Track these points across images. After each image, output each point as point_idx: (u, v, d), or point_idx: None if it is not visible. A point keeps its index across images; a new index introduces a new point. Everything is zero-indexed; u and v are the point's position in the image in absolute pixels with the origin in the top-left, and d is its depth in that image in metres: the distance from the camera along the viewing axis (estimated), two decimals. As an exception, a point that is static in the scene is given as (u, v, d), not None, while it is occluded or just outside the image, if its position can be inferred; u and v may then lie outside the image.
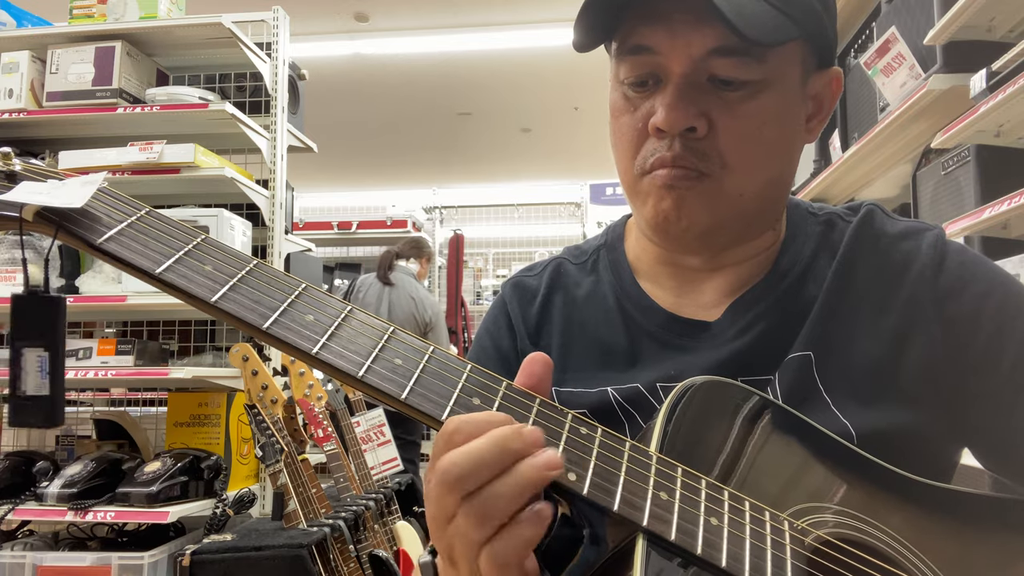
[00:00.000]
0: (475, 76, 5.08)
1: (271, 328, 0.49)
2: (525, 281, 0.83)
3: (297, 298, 0.51)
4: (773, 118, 0.67)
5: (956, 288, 0.69)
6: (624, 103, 0.69)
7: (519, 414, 0.50)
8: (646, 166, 0.68)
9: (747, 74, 0.64)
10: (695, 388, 0.59)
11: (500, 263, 6.86)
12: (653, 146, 0.67)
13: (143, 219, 0.52)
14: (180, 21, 2.59)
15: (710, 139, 0.65)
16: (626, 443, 0.52)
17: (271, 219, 2.64)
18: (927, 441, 0.67)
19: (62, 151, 2.50)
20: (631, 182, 0.71)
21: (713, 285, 0.74)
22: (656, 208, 0.68)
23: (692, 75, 0.64)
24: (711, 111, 0.65)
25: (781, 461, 0.59)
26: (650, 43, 0.65)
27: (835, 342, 0.68)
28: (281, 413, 2.11)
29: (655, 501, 0.49)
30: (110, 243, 0.50)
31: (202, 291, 0.49)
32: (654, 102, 0.66)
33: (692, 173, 0.66)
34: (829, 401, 0.66)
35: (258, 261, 0.53)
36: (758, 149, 0.67)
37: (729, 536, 0.50)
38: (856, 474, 0.60)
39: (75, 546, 2.32)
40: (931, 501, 0.61)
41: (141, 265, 0.49)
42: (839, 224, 0.76)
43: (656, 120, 0.65)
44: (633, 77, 0.67)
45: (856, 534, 0.56)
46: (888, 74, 1.92)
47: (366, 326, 0.51)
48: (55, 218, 0.50)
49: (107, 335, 2.95)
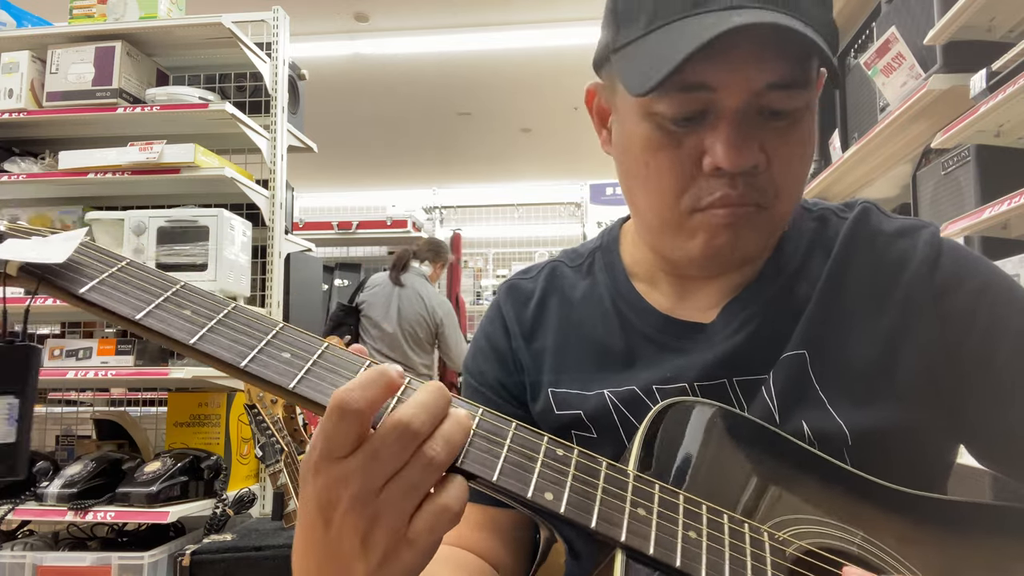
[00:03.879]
0: (475, 76, 5.08)
1: (248, 366, 0.49)
2: (520, 284, 0.83)
3: (274, 337, 0.51)
4: (810, 138, 0.67)
5: (951, 285, 0.69)
6: (663, 137, 0.65)
7: (494, 439, 0.50)
8: (700, 204, 0.65)
9: (796, 103, 0.63)
10: (672, 407, 0.60)
11: (500, 263, 6.86)
12: (710, 184, 0.64)
13: (124, 269, 0.53)
14: (180, 21, 2.59)
15: (767, 172, 0.65)
16: (603, 463, 0.52)
17: (271, 219, 2.64)
18: (922, 439, 0.67)
19: (62, 151, 2.50)
20: (674, 219, 0.67)
21: (709, 288, 0.74)
22: (709, 244, 0.67)
23: (748, 109, 0.63)
24: (766, 144, 0.64)
25: (760, 476, 0.60)
26: (708, 80, 0.61)
27: (830, 340, 0.69)
28: (281, 413, 2.11)
29: (633, 517, 0.49)
30: (92, 293, 0.51)
31: (180, 334, 0.50)
32: (703, 137, 0.64)
33: (751, 209, 0.65)
34: (824, 400, 0.66)
35: (236, 304, 0.53)
36: (802, 172, 0.68)
37: (708, 548, 0.50)
38: (836, 485, 0.61)
39: (75, 546, 2.32)
40: (913, 510, 0.62)
41: (121, 312, 0.50)
42: (833, 221, 0.76)
43: (717, 160, 0.62)
44: (680, 113, 0.63)
45: (838, 543, 0.56)
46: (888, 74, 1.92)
47: (342, 360, 0.51)
48: (38, 272, 0.51)
49: (107, 335, 2.95)
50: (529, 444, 0.51)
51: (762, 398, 0.68)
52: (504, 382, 0.79)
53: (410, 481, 0.45)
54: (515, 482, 0.48)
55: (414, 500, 0.46)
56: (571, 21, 4.36)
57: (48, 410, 2.98)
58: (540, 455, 0.50)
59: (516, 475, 0.49)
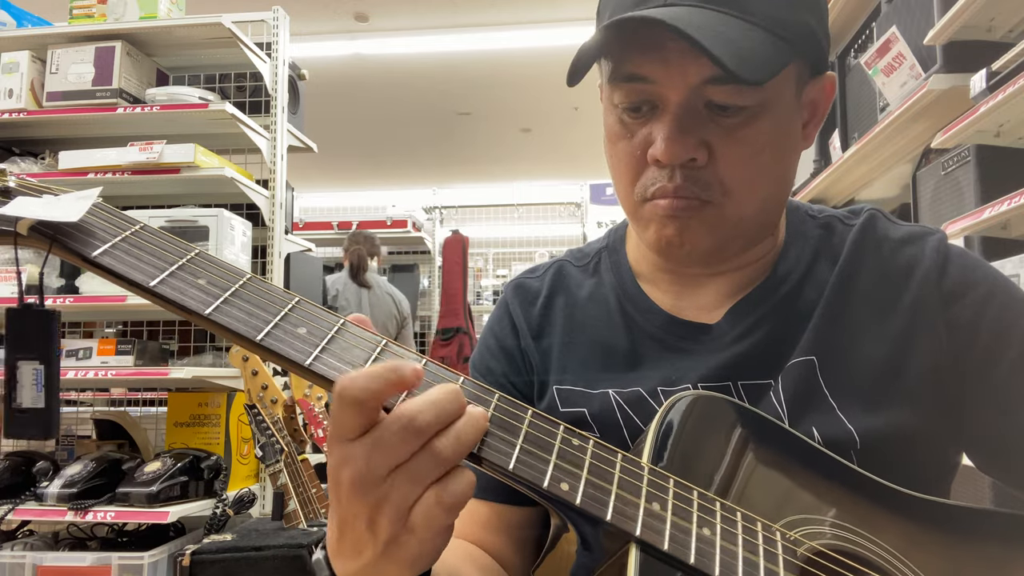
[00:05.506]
0: (475, 76, 5.08)
1: (264, 340, 0.49)
2: (527, 283, 0.83)
3: (290, 311, 0.51)
4: (771, 140, 0.66)
5: (959, 292, 0.69)
6: (620, 128, 0.68)
7: (511, 425, 0.50)
8: (647, 194, 0.67)
9: (745, 100, 0.63)
10: (686, 401, 0.60)
11: (500, 263, 6.86)
12: (653, 175, 0.66)
13: (137, 233, 0.52)
14: (180, 21, 2.59)
15: (710, 167, 0.65)
16: (618, 454, 0.52)
17: (271, 219, 2.64)
18: (929, 443, 0.67)
19: (62, 151, 2.50)
20: (632, 207, 0.70)
21: (713, 288, 0.75)
22: (659, 234, 0.68)
23: (689, 103, 0.63)
24: (710, 139, 0.64)
25: (772, 473, 0.60)
26: (645, 72, 0.64)
27: (839, 347, 0.69)
28: (281, 413, 2.11)
29: (648, 511, 0.49)
30: (104, 256, 0.50)
31: (195, 304, 0.49)
32: (651, 129, 0.65)
33: (694, 203, 0.65)
34: (835, 406, 0.66)
35: (251, 275, 0.52)
36: (758, 173, 0.66)
37: (722, 546, 0.50)
38: (847, 487, 0.61)
39: (75, 546, 2.32)
40: (923, 514, 0.62)
41: (134, 278, 0.49)
42: (839, 228, 0.76)
43: (655, 152, 0.64)
44: (628, 103, 0.66)
45: (849, 546, 0.56)
46: (888, 74, 1.92)
47: (359, 338, 0.51)
48: (50, 232, 0.50)
49: (107, 335, 2.95)
50: (545, 432, 0.51)
51: (769, 402, 0.68)
52: (513, 380, 0.79)
53: (416, 472, 0.45)
54: (531, 471, 0.48)
55: (418, 491, 0.45)
56: (571, 21, 4.36)
57: (48, 410, 2.98)
58: (556, 443, 0.50)
59: (532, 464, 0.48)
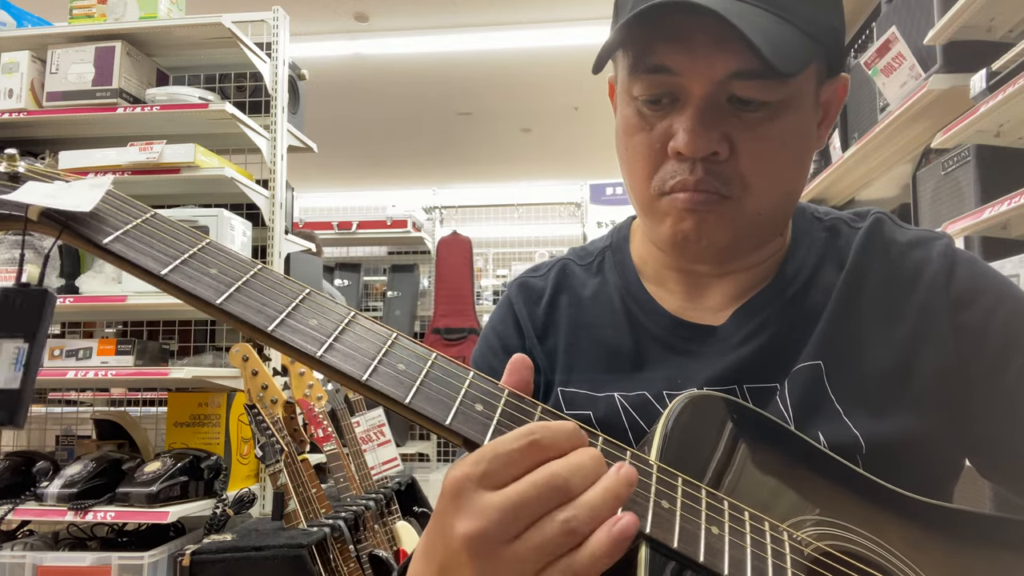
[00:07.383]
0: (475, 76, 5.08)
1: (276, 331, 0.48)
2: (531, 282, 0.83)
3: (301, 302, 0.51)
4: (792, 137, 0.66)
5: (966, 298, 0.69)
6: (638, 120, 0.67)
7: (519, 420, 0.50)
8: (665, 188, 0.66)
9: (769, 95, 0.63)
10: (695, 399, 0.59)
11: (500, 263, 6.85)
12: (673, 168, 0.65)
13: (148, 221, 0.52)
14: (180, 21, 2.59)
15: (731, 162, 0.64)
16: (627, 451, 0.52)
17: (271, 219, 2.64)
18: (934, 448, 0.67)
19: (62, 151, 2.49)
20: (647, 201, 0.69)
21: (719, 289, 0.74)
22: (675, 228, 0.67)
23: (712, 96, 0.63)
24: (732, 134, 0.63)
25: (778, 474, 0.60)
26: (670, 63, 0.62)
27: (846, 351, 0.68)
28: (281, 413, 2.11)
29: (657, 509, 0.49)
30: (116, 244, 0.49)
31: (208, 293, 0.49)
32: (671, 122, 0.65)
33: (714, 197, 0.65)
34: (840, 411, 0.66)
35: (262, 265, 0.52)
36: (779, 169, 0.66)
37: (730, 545, 0.50)
38: (853, 489, 0.61)
39: (75, 546, 2.32)
40: (927, 517, 0.62)
41: (146, 266, 0.49)
42: (845, 231, 0.76)
43: (677, 145, 0.63)
44: (648, 95, 0.65)
45: (854, 547, 0.56)
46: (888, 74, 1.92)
47: (370, 331, 0.51)
48: (60, 219, 0.49)
49: (107, 335, 2.95)
50: None
51: (776, 407, 0.67)
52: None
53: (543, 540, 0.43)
54: None
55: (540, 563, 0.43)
56: (571, 21, 4.36)
57: (48, 410, 2.99)
58: None
59: None
